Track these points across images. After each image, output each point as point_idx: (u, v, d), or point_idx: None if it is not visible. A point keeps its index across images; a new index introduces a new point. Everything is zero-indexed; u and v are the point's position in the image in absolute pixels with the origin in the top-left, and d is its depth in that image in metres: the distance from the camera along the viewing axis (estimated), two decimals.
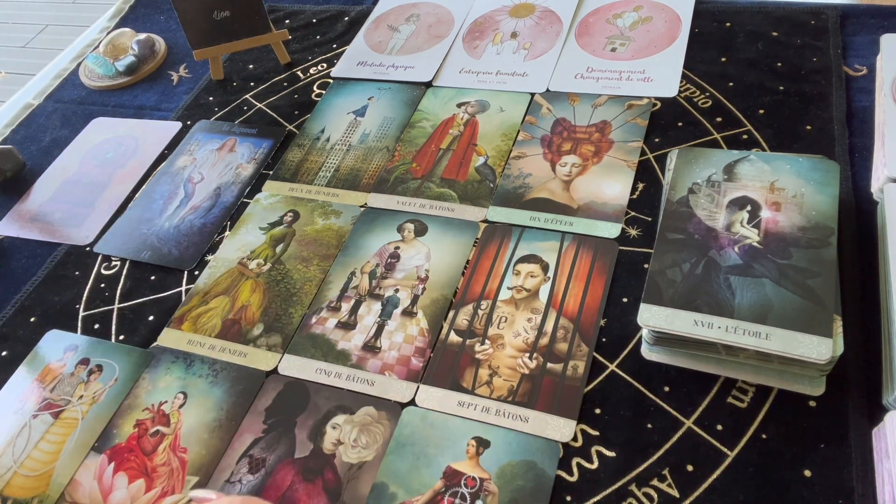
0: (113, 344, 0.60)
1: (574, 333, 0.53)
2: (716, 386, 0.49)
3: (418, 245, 0.62)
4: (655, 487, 0.45)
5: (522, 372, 0.52)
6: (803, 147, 0.62)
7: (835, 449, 0.45)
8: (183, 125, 0.80)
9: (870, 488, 0.43)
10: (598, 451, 0.47)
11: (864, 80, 0.67)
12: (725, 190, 0.54)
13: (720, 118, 0.66)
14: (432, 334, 0.55)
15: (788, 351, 0.44)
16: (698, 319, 0.47)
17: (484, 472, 0.47)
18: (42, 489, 0.52)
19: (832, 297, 0.46)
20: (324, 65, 0.84)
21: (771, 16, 0.75)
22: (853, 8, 0.74)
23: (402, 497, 0.47)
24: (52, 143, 0.82)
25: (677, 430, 0.47)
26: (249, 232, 0.67)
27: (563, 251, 0.59)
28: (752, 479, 0.44)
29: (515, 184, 0.65)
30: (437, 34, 0.84)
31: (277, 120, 0.78)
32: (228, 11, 0.78)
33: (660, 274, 0.50)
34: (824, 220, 0.50)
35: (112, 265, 0.67)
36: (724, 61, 0.72)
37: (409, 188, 0.67)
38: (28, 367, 0.60)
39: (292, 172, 0.71)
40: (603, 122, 0.69)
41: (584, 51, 0.77)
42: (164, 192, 0.73)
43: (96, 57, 0.90)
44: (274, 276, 0.62)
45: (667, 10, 0.79)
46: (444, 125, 0.73)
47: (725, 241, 0.51)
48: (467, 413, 0.50)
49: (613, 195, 0.62)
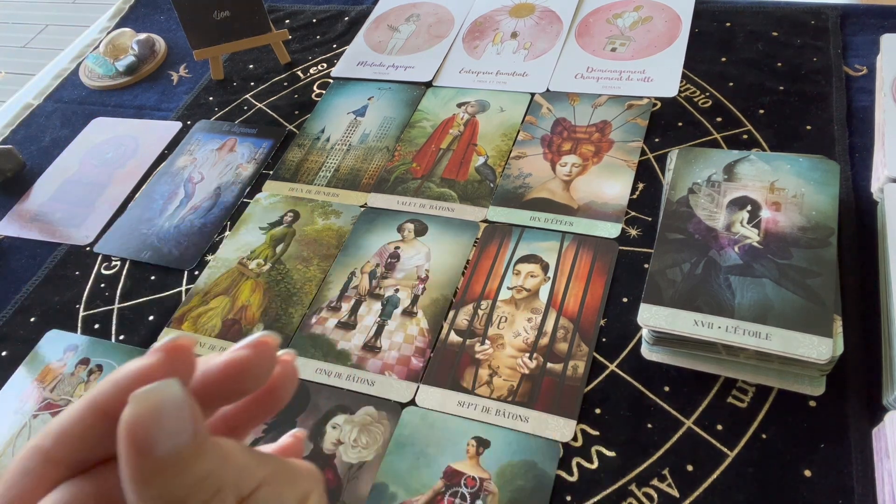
0: (113, 344, 0.60)
1: (574, 333, 0.53)
2: (716, 386, 0.49)
3: (418, 245, 0.62)
4: (655, 487, 0.45)
5: (522, 372, 0.52)
6: (803, 147, 0.62)
7: (835, 449, 0.45)
8: (183, 125, 0.80)
9: (870, 488, 0.43)
10: (598, 451, 0.47)
11: (864, 80, 0.67)
12: (725, 190, 0.54)
13: (720, 118, 0.66)
14: (432, 334, 0.55)
15: (788, 351, 0.44)
16: (698, 319, 0.47)
17: (484, 472, 0.47)
18: None
19: (832, 297, 0.46)
20: (324, 65, 0.84)
21: (771, 16, 0.75)
22: (853, 8, 0.74)
23: (402, 497, 0.47)
24: (52, 143, 0.82)
25: (677, 430, 0.47)
26: (249, 232, 0.67)
27: (563, 251, 0.59)
28: (752, 479, 0.44)
29: (515, 184, 0.65)
30: (437, 34, 0.84)
31: (277, 120, 0.78)
32: (228, 11, 0.78)
33: (660, 274, 0.50)
34: (824, 220, 0.50)
35: (112, 265, 0.67)
36: (724, 61, 0.72)
37: (409, 188, 0.67)
38: (28, 367, 0.60)
39: (292, 172, 0.71)
40: (603, 122, 0.69)
41: (584, 51, 0.77)
42: (164, 192, 0.73)
43: (96, 57, 0.90)
44: (274, 276, 0.62)
45: (667, 10, 0.79)
46: (444, 125, 0.73)
47: (725, 241, 0.51)
48: (467, 413, 0.50)
49: (613, 195, 0.62)
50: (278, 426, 0.52)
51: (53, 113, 0.86)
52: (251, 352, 0.20)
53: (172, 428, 0.17)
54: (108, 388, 0.19)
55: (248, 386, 0.21)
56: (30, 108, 0.88)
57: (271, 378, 0.22)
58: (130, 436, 0.17)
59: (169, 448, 0.17)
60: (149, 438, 0.17)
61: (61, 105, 0.87)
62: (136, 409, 0.17)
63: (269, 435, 0.51)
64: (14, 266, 0.69)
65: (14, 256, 0.70)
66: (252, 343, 0.21)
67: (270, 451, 0.23)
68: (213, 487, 0.18)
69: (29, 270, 0.68)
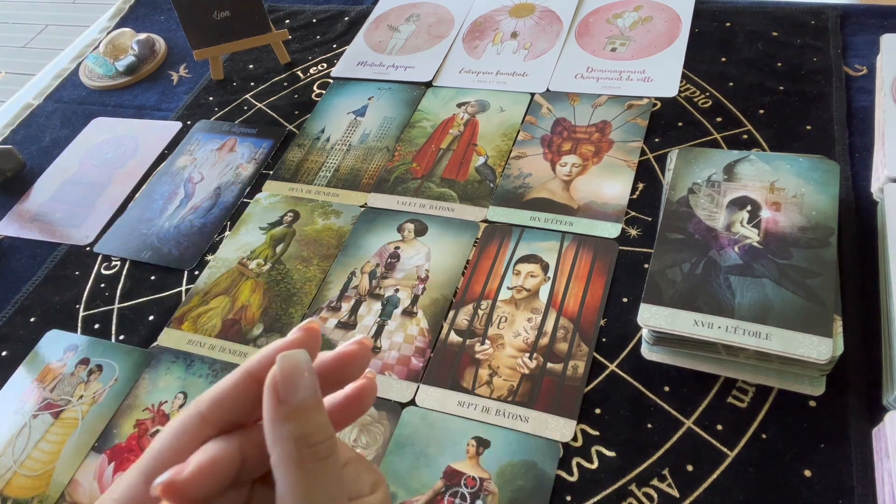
0: (113, 344, 0.60)
1: (574, 333, 0.53)
2: (716, 386, 0.49)
3: (418, 245, 0.62)
4: (655, 487, 0.45)
5: (522, 372, 0.52)
6: (803, 147, 0.62)
7: (835, 449, 0.45)
8: (183, 125, 0.80)
9: (870, 488, 0.43)
10: (598, 451, 0.47)
11: (864, 80, 0.67)
12: (725, 190, 0.54)
13: (720, 118, 0.66)
14: (432, 334, 0.55)
15: (788, 351, 0.44)
16: (698, 319, 0.47)
17: (484, 472, 0.47)
18: (42, 489, 0.52)
19: (832, 297, 0.46)
20: (324, 65, 0.84)
21: (771, 16, 0.75)
22: (853, 8, 0.74)
23: (402, 497, 0.47)
24: (52, 143, 0.82)
25: (677, 430, 0.47)
26: (249, 232, 0.67)
27: (563, 251, 0.59)
28: (752, 479, 0.44)
29: (515, 184, 0.65)
30: (437, 34, 0.84)
31: (277, 120, 0.78)
32: (228, 11, 0.78)
33: (660, 274, 0.50)
34: (824, 220, 0.50)
35: (112, 265, 0.67)
36: (724, 61, 0.72)
37: (409, 188, 0.67)
38: (28, 367, 0.60)
39: (292, 172, 0.71)
40: (603, 122, 0.69)
41: (584, 51, 0.77)
42: (164, 192, 0.73)
43: (96, 57, 0.90)
44: (274, 276, 0.62)
45: (667, 10, 0.79)
46: (444, 125, 0.73)
47: (725, 241, 0.51)
48: (467, 413, 0.50)
49: (613, 195, 0.62)
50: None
51: (53, 113, 0.86)
52: (357, 348, 0.27)
53: (303, 384, 0.24)
54: (259, 357, 0.26)
55: (350, 375, 0.28)
56: (30, 108, 0.88)
57: (361, 386, 0.28)
58: (274, 386, 0.24)
59: (300, 398, 0.24)
60: (287, 389, 0.24)
61: (61, 105, 0.87)
62: (280, 367, 0.24)
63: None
64: (14, 266, 0.69)
65: (14, 256, 0.70)
66: (357, 341, 0.28)
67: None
68: (329, 433, 0.24)
69: (29, 270, 0.68)
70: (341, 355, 0.27)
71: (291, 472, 0.23)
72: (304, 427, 0.24)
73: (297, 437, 0.23)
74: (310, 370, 0.24)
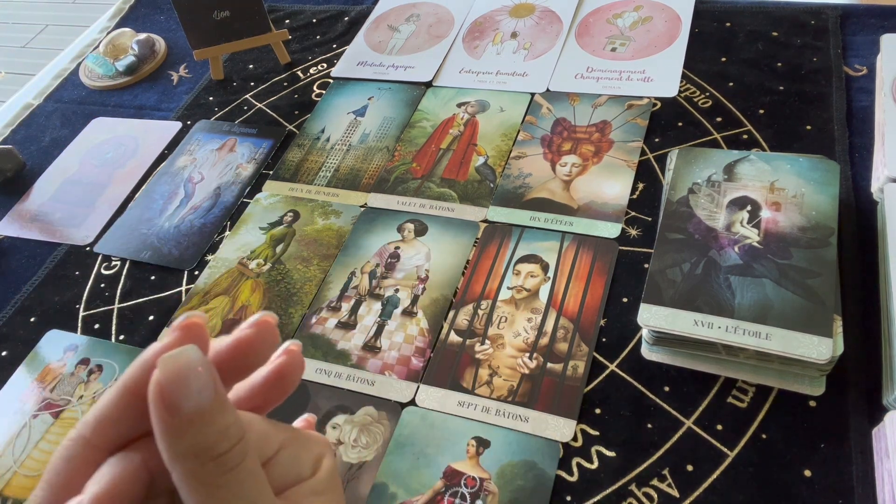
0: (113, 344, 0.60)
1: (574, 333, 0.53)
2: (716, 386, 0.49)
3: (418, 245, 0.62)
4: (655, 487, 0.45)
5: (522, 372, 0.52)
6: (803, 147, 0.62)
7: (835, 449, 0.45)
8: (183, 125, 0.80)
9: (870, 488, 0.43)
10: (598, 451, 0.47)
11: (864, 80, 0.67)
12: (725, 190, 0.54)
13: (720, 118, 0.66)
14: (432, 334, 0.55)
15: (788, 351, 0.44)
16: (698, 319, 0.47)
17: (484, 472, 0.47)
18: None
19: (832, 297, 0.46)
20: (324, 65, 0.84)
21: (771, 16, 0.75)
22: (853, 8, 0.74)
23: (402, 497, 0.47)
24: (52, 143, 0.82)
25: (677, 430, 0.47)
26: (249, 232, 0.67)
27: (563, 251, 0.59)
28: (752, 479, 0.44)
29: (515, 184, 0.65)
30: (437, 34, 0.84)
31: (277, 120, 0.78)
32: (228, 11, 0.78)
33: (660, 274, 0.50)
34: (824, 220, 0.50)
35: (112, 265, 0.67)
36: (724, 61, 0.72)
37: (409, 188, 0.67)
38: (28, 367, 0.60)
39: (292, 172, 0.71)
40: (603, 122, 0.69)
41: (584, 51, 0.77)
42: (164, 192, 0.73)
43: (96, 57, 0.90)
44: (274, 276, 0.62)
45: (667, 10, 0.79)
46: (444, 125, 0.73)
47: (725, 241, 0.51)
48: (467, 413, 0.50)
49: (613, 195, 0.62)
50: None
51: (53, 113, 0.86)
52: (255, 330, 0.23)
53: (196, 386, 0.20)
54: (134, 370, 0.22)
55: (255, 361, 0.24)
56: (30, 108, 0.88)
57: (280, 365, 0.25)
58: (160, 396, 0.19)
59: (194, 404, 0.19)
60: (176, 397, 0.19)
61: (61, 105, 0.87)
62: (163, 372, 0.20)
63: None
64: (14, 266, 0.69)
65: (14, 256, 0.70)
66: (255, 322, 0.23)
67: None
68: (237, 436, 0.20)
69: (29, 270, 0.68)
70: (237, 342, 0.23)
71: (198, 491, 0.20)
72: (204, 438, 0.20)
73: (197, 453, 0.20)
74: (205, 364, 0.20)
